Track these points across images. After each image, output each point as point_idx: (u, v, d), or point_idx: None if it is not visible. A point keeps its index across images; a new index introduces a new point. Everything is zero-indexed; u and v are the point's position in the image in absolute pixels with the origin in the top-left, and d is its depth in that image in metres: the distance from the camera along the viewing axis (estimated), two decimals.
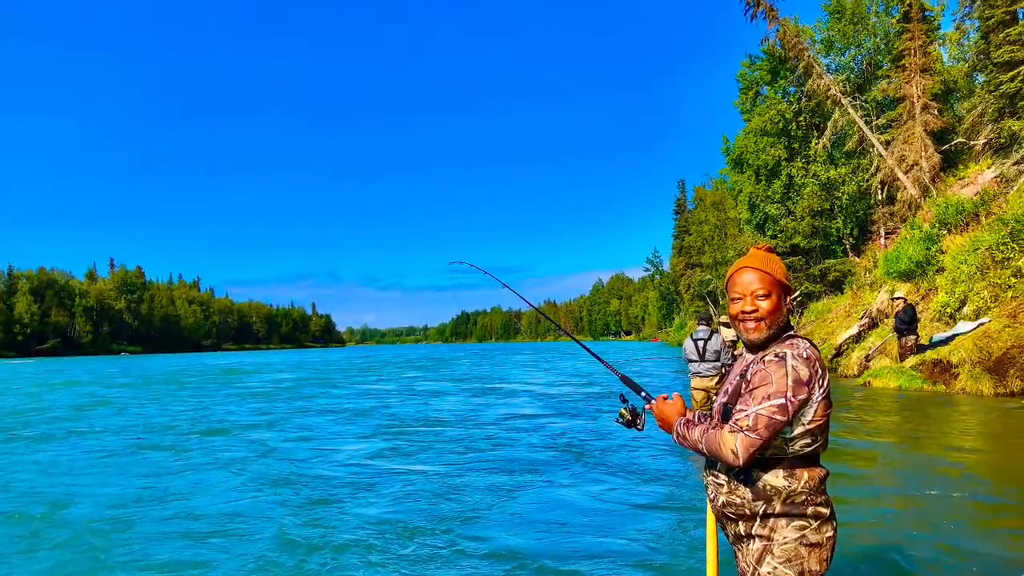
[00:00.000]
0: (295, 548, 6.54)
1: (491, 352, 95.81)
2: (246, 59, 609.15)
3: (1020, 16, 25.96)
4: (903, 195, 30.98)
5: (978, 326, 18.14)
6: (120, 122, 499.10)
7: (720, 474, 2.79)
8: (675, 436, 2.90)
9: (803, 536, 2.63)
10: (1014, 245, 18.55)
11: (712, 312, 70.88)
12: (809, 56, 34.36)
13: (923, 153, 30.12)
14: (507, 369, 42.23)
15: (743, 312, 2.80)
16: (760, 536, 2.68)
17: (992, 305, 18.64)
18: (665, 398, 3.07)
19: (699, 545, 5.98)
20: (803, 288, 38.96)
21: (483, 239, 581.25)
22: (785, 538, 2.64)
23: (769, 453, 2.64)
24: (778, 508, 2.65)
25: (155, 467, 10.94)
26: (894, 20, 33.97)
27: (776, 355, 2.64)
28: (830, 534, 2.67)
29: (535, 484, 9.00)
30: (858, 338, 25.61)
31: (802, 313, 38.25)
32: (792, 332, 2.80)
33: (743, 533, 2.74)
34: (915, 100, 30.63)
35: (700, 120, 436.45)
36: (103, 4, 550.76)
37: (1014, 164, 23.78)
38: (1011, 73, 24.91)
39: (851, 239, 38.74)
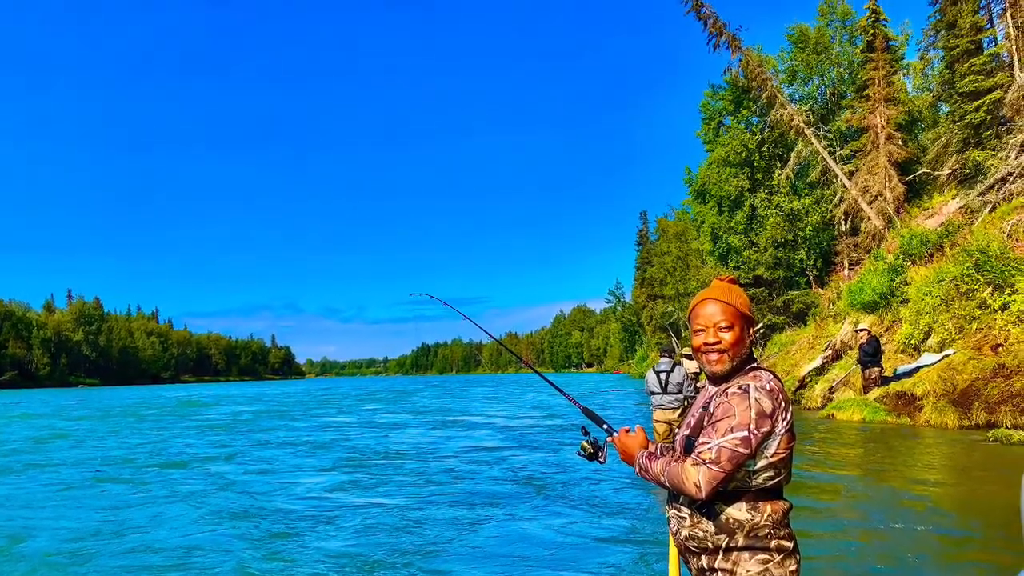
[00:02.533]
0: None
1: (452, 384, 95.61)
2: (203, 88, 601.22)
3: (984, 46, 26.43)
4: (867, 226, 31.32)
5: (942, 358, 18.25)
6: (76, 151, 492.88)
7: (683, 507, 2.75)
8: (637, 469, 2.86)
9: (766, 570, 2.59)
10: (979, 276, 18.68)
11: (675, 344, 71.15)
12: (772, 86, 34.78)
13: (887, 183, 30.51)
14: (468, 401, 42.10)
15: (706, 344, 2.78)
16: (723, 570, 2.65)
17: (957, 337, 18.77)
18: (627, 430, 3.04)
19: None
20: (766, 320, 39.26)
21: (444, 270, 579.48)
22: (748, 572, 2.60)
23: (732, 486, 2.60)
24: (741, 541, 2.61)
25: (113, 500, 10.79)
26: (858, 50, 34.55)
27: (739, 387, 2.62)
28: (793, 568, 2.64)
29: (496, 517, 8.93)
30: (822, 370, 25.72)
31: (765, 345, 38.45)
32: (755, 364, 2.78)
33: (706, 567, 2.70)
34: (879, 130, 31.02)
35: (662, 151, 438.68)
36: (60, 30, 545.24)
37: (979, 195, 24.05)
38: (975, 103, 25.23)
39: (815, 270, 39.13)
